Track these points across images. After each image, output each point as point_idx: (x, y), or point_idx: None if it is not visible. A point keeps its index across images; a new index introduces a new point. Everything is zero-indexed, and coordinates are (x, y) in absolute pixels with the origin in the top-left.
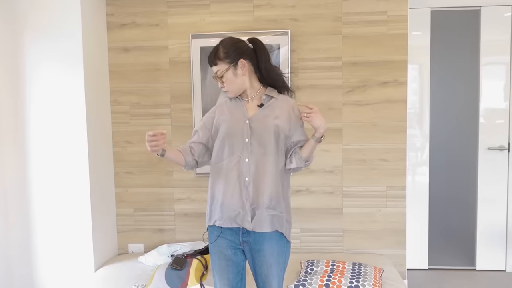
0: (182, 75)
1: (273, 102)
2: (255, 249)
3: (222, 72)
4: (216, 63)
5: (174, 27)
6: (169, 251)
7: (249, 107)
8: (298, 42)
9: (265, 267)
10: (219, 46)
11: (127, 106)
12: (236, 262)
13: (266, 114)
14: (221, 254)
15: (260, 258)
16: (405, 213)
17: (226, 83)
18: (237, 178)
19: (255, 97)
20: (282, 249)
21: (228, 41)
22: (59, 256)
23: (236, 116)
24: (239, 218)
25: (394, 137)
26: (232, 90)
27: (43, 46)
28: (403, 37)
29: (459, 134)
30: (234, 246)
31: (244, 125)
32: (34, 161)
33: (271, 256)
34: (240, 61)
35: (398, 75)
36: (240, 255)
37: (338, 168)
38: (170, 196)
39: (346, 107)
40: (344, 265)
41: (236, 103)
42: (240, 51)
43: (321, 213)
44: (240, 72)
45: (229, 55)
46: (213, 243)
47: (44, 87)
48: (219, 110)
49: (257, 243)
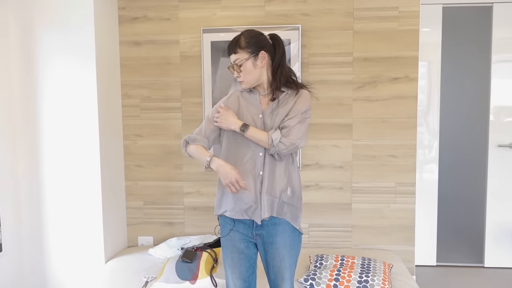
0: (192, 69)
1: (285, 96)
2: (268, 242)
3: (242, 61)
4: (236, 51)
5: (185, 21)
6: (179, 244)
7: (263, 101)
8: (309, 37)
9: (277, 259)
10: (240, 36)
11: (138, 99)
12: (249, 255)
13: (276, 108)
14: (234, 248)
15: (273, 251)
16: (414, 209)
17: (243, 73)
18: (251, 172)
19: (270, 91)
20: (294, 242)
21: (250, 32)
22: (70, 248)
23: (250, 109)
24: (250, 211)
25: (404, 133)
26: (248, 81)
27: (55, 39)
28: (414, 33)
29: (469, 131)
30: (247, 239)
31: (257, 119)
32: (46, 154)
33: (284, 248)
34: (261, 53)
35: (408, 71)
36: (252, 248)
37: (347, 164)
38: (180, 189)
39: (356, 102)
40: (353, 260)
41: (250, 96)
42: (262, 43)
43: (330, 208)
44: (260, 64)
45: (251, 45)
46: (226, 237)
47: (56, 80)
48: (232, 100)
49: (270, 235)
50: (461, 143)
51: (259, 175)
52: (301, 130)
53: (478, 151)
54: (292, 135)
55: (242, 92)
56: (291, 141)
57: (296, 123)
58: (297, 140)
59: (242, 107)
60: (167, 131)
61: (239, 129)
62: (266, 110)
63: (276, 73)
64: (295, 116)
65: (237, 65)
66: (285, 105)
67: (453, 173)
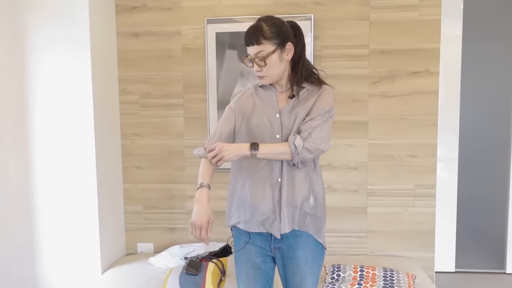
0: (196, 63)
1: (305, 93)
2: (288, 256)
3: (268, 54)
4: (260, 42)
5: (188, 11)
6: (182, 252)
7: (280, 98)
8: (322, 28)
9: (298, 276)
10: (262, 24)
11: (137, 96)
12: (265, 271)
13: (296, 105)
14: (249, 263)
15: (293, 266)
16: (434, 213)
17: (267, 67)
18: (268, 179)
19: (289, 88)
20: (316, 257)
21: (273, 20)
22: (64, 257)
23: (266, 108)
24: (267, 223)
25: (424, 131)
26: (271, 76)
27: (47, 31)
28: (436, 23)
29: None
30: (264, 253)
31: (274, 120)
32: (38, 155)
33: (306, 264)
34: (288, 44)
35: (429, 65)
36: (269, 263)
37: (362, 165)
38: (182, 192)
39: (373, 98)
40: (374, 271)
41: (266, 92)
42: (288, 33)
43: (344, 213)
44: (286, 57)
45: (279, 35)
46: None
47: (49, 74)
48: (245, 99)
49: (290, 249)
50: (482, 142)
51: (277, 183)
52: (325, 131)
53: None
54: (315, 137)
55: (257, 88)
56: (316, 146)
57: (319, 123)
58: (321, 143)
59: (257, 106)
60: (168, 130)
61: (249, 152)
62: (284, 108)
63: (297, 66)
64: (318, 115)
65: (261, 58)
66: (305, 102)
67: (473, 173)
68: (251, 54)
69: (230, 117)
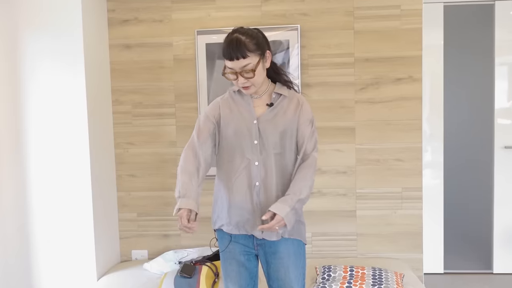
0: (187, 73)
1: (283, 100)
2: (270, 252)
3: (254, 66)
4: (246, 56)
5: (179, 23)
6: (176, 257)
7: (257, 105)
8: (309, 38)
9: (282, 270)
10: (241, 38)
11: (129, 105)
12: (249, 268)
13: (275, 114)
14: (233, 260)
15: (276, 261)
16: (421, 215)
17: (255, 78)
18: (247, 183)
19: (265, 93)
20: (298, 251)
21: (249, 32)
22: (59, 264)
23: (243, 115)
24: (248, 225)
25: (409, 135)
26: (257, 84)
27: (41, 43)
28: (417, 31)
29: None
30: (248, 251)
31: (252, 126)
32: (33, 163)
33: (288, 258)
34: (267, 53)
35: (412, 71)
36: (253, 261)
37: (351, 169)
38: (175, 199)
39: (359, 105)
40: (363, 270)
41: (243, 99)
42: (264, 42)
43: (333, 216)
44: (266, 65)
45: (259, 46)
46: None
47: (43, 86)
48: (222, 105)
49: (272, 245)
50: (466, 146)
51: (255, 186)
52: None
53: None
54: (315, 151)
55: (232, 95)
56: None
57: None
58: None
59: (235, 112)
60: (161, 138)
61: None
62: (262, 116)
63: (270, 71)
64: (306, 126)
65: (248, 70)
66: (284, 113)
67: (459, 177)
68: (235, 67)
69: (208, 125)
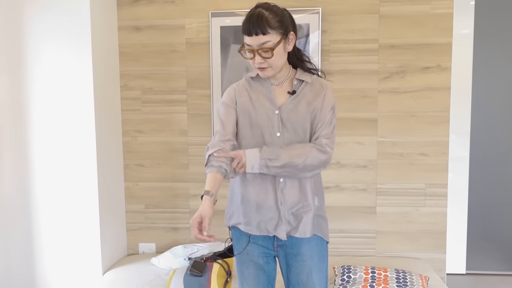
0: (200, 57)
1: (305, 87)
2: (292, 254)
3: (274, 44)
4: (266, 32)
5: (192, 4)
6: (185, 253)
7: (278, 92)
8: (330, 22)
9: (304, 274)
10: (263, 12)
11: (139, 91)
12: (268, 272)
13: (298, 102)
14: (251, 263)
15: (298, 264)
16: (445, 213)
17: (273, 59)
18: (270, 179)
19: (286, 80)
20: (322, 252)
21: (275, 9)
22: (64, 258)
23: (263, 104)
24: (271, 226)
25: (435, 128)
26: (276, 67)
27: (46, 23)
28: (448, 17)
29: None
30: (267, 253)
31: (273, 117)
32: (37, 152)
33: (311, 260)
34: (291, 33)
35: (441, 60)
36: (272, 263)
37: (372, 163)
38: (185, 191)
39: (382, 95)
40: (386, 272)
41: (262, 86)
42: (289, 22)
43: (352, 212)
44: (288, 47)
45: (283, 24)
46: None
47: (47, 70)
48: (238, 92)
49: (294, 246)
50: (493, 142)
51: (279, 183)
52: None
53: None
54: (329, 141)
55: (249, 81)
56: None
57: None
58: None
59: (254, 101)
60: (171, 126)
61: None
62: (284, 105)
63: (293, 56)
64: (328, 111)
65: (266, 49)
66: (307, 100)
67: (485, 174)
68: (253, 44)
69: (231, 113)
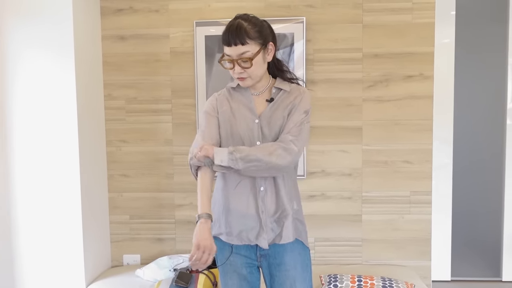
0: (184, 67)
1: (283, 95)
2: (275, 264)
3: (253, 54)
4: (245, 42)
5: (176, 13)
6: (171, 264)
7: (258, 102)
8: (314, 31)
9: (287, 284)
10: (242, 23)
11: (123, 101)
12: (252, 282)
13: (275, 109)
14: (234, 274)
15: (281, 274)
16: (430, 220)
17: (252, 69)
18: (250, 187)
19: (265, 90)
20: (305, 262)
21: (253, 19)
22: (46, 270)
23: (244, 113)
24: (252, 235)
25: (418, 136)
26: (255, 77)
27: (27, 33)
28: (429, 26)
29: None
30: (250, 263)
31: (253, 126)
32: (18, 162)
33: (294, 270)
34: (270, 44)
35: (423, 69)
36: (256, 274)
37: (357, 171)
38: (170, 201)
39: (367, 103)
40: (372, 281)
41: (242, 96)
42: (268, 33)
43: (338, 220)
44: (267, 57)
45: (262, 35)
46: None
47: (29, 79)
48: (220, 102)
49: (277, 255)
50: (475, 149)
51: (259, 191)
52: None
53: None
54: (296, 141)
55: (230, 91)
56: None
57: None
58: (302, 147)
59: (234, 110)
60: (156, 136)
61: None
62: (263, 114)
63: (273, 66)
64: (298, 120)
65: (246, 59)
66: (284, 106)
67: (468, 181)
68: (232, 55)
69: (212, 122)
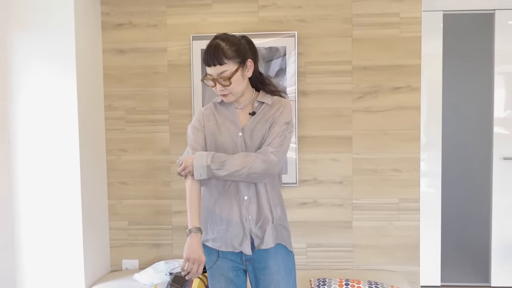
0: (181, 79)
1: (265, 108)
2: (259, 268)
3: (231, 73)
4: (223, 62)
5: (174, 28)
6: (167, 268)
7: (241, 115)
8: (306, 45)
9: (272, 287)
10: (221, 44)
11: (122, 111)
12: (238, 285)
13: (257, 122)
14: (222, 277)
15: (266, 277)
16: (418, 226)
17: (232, 86)
18: (234, 197)
19: (249, 103)
20: (289, 266)
21: (231, 39)
22: (47, 274)
23: (228, 127)
24: (236, 242)
25: (406, 145)
26: (236, 93)
27: (31, 46)
28: (416, 40)
29: (472, 144)
30: (236, 266)
31: (237, 139)
32: (21, 170)
33: (278, 274)
34: (248, 61)
35: (411, 81)
36: (242, 277)
37: (347, 179)
38: (168, 208)
39: (356, 114)
40: (359, 284)
41: (227, 110)
42: (246, 50)
43: (329, 227)
44: (247, 74)
45: (239, 53)
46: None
47: (33, 91)
48: (206, 116)
49: (262, 259)
50: (464, 156)
51: (243, 200)
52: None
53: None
54: (276, 152)
55: (216, 105)
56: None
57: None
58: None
59: (220, 125)
60: (154, 145)
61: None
62: (246, 126)
63: (256, 80)
64: (279, 132)
65: (225, 78)
66: (266, 119)
67: (456, 187)
68: (213, 74)
69: (199, 136)
